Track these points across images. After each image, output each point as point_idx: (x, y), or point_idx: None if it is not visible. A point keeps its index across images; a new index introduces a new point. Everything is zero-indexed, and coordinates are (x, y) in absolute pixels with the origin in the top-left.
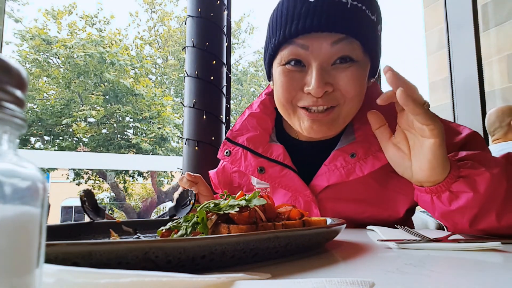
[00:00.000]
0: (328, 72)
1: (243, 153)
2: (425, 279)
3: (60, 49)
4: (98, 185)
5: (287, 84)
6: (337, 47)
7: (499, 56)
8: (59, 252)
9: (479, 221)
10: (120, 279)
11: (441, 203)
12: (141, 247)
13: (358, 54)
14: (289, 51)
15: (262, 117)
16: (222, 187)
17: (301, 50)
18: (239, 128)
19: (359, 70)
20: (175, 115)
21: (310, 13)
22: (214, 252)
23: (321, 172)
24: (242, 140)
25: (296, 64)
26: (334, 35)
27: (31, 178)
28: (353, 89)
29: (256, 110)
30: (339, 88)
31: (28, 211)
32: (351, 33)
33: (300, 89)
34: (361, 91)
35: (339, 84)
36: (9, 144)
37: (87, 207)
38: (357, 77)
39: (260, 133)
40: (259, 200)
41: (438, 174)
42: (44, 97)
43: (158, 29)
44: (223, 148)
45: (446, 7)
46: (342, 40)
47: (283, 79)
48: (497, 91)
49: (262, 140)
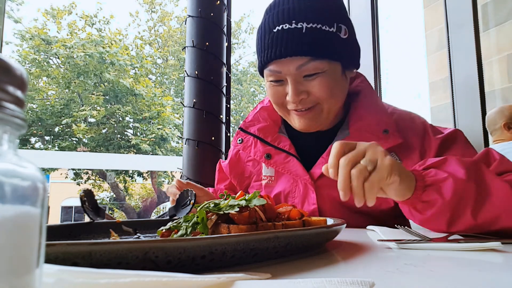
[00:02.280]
0: (301, 83)
1: (253, 141)
2: (425, 279)
3: (60, 49)
4: (98, 184)
5: (274, 96)
6: (302, 69)
7: (499, 56)
8: (59, 252)
9: (456, 223)
10: (120, 279)
11: (417, 212)
12: (141, 247)
13: (323, 66)
14: (269, 74)
15: (272, 110)
16: (233, 176)
17: (276, 73)
18: (251, 119)
19: (325, 76)
20: (175, 115)
21: (273, 43)
22: (214, 252)
23: (318, 163)
24: (254, 130)
25: (277, 81)
26: (298, 59)
27: (31, 178)
28: (324, 93)
29: (267, 104)
30: (312, 93)
31: (28, 211)
32: (312, 55)
33: (284, 98)
34: (333, 91)
35: (312, 91)
36: (9, 144)
37: (87, 207)
38: (325, 84)
39: (270, 124)
40: (259, 200)
41: (406, 193)
42: (44, 97)
43: (158, 29)
44: (237, 137)
45: (446, 7)
46: (306, 63)
47: (269, 92)
48: (497, 91)
49: (272, 130)
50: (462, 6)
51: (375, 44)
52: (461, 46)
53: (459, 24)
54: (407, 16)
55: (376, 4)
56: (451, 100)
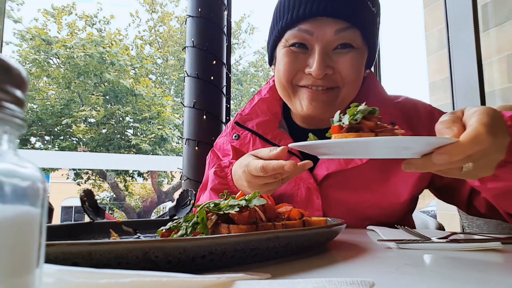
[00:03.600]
0: (329, 55)
1: (252, 137)
2: (425, 279)
3: (60, 49)
4: (98, 184)
5: (289, 64)
6: (339, 35)
7: (499, 56)
8: (59, 252)
9: None
10: (120, 279)
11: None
12: (141, 247)
13: (358, 42)
14: (294, 35)
15: (272, 102)
16: None
17: (305, 35)
18: (248, 112)
19: (358, 56)
20: (175, 115)
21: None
22: (214, 252)
23: (321, 161)
24: (252, 125)
25: (300, 46)
26: (337, 22)
27: (31, 178)
28: (351, 72)
29: (265, 96)
30: (339, 71)
31: (28, 211)
32: (354, 22)
33: (301, 69)
34: (358, 76)
35: (339, 68)
36: (9, 144)
37: (87, 207)
38: (356, 62)
39: (269, 118)
40: (259, 200)
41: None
42: (44, 97)
43: (158, 29)
44: (232, 132)
45: (446, 7)
46: (345, 30)
47: (286, 59)
48: (497, 91)
49: (272, 126)
50: (462, 6)
51: None
52: (461, 46)
53: (459, 24)
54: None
55: None
56: (451, 100)
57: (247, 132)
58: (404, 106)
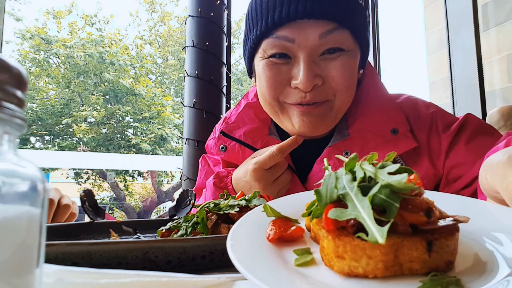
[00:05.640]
0: (316, 63)
1: (240, 149)
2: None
3: (60, 48)
4: (98, 184)
5: (272, 79)
6: (325, 39)
7: (499, 56)
8: (59, 252)
9: None
10: (120, 279)
11: None
12: (141, 247)
13: (348, 44)
14: (273, 44)
15: (260, 107)
16: None
17: (286, 43)
18: (234, 120)
19: (349, 59)
20: (175, 115)
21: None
22: (214, 252)
23: (314, 171)
24: (239, 135)
25: (281, 56)
26: (321, 24)
27: (31, 178)
28: (344, 80)
29: (252, 100)
30: (329, 80)
31: (28, 211)
32: (341, 21)
33: (287, 83)
34: (352, 82)
35: (329, 76)
36: (9, 144)
37: (87, 207)
38: (347, 67)
39: (258, 125)
40: (259, 200)
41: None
42: (44, 96)
43: (158, 29)
44: (218, 143)
45: (446, 7)
46: (331, 32)
47: (267, 73)
48: (497, 91)
49: (261, 133)
50: (462, 6)
51: (375, 44)
52: (461, 46)
53: (459, 24)
54: (407, 16)
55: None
56: (451, 100)
57: (234, 142)
58: (404, 106)
